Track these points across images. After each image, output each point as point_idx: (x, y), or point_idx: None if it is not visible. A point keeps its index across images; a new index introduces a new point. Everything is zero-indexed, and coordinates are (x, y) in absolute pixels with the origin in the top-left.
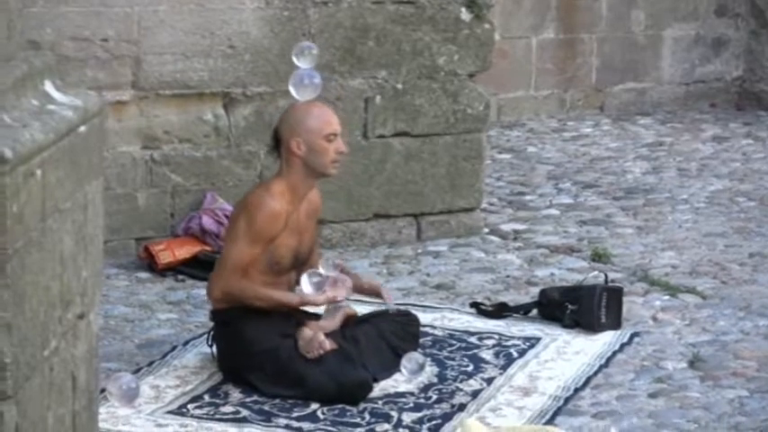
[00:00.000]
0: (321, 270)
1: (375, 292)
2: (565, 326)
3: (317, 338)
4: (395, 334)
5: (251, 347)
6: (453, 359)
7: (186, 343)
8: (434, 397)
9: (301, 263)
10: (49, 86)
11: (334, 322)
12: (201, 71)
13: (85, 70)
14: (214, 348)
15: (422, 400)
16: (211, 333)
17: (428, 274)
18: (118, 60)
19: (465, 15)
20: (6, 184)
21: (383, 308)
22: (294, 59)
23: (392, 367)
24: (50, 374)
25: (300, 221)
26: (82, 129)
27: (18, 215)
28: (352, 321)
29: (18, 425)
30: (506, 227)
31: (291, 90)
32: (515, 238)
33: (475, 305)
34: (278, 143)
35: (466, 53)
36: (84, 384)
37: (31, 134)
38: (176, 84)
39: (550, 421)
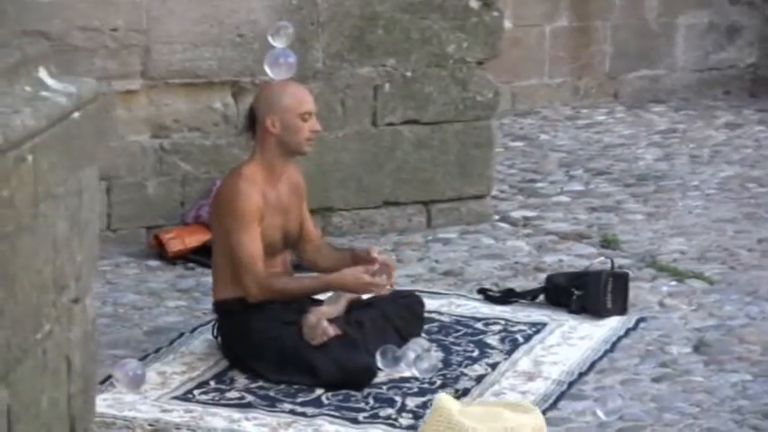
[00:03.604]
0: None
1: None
2: (571, 311)
3: (320, 325)
4: (400, 316)
5: (255, 337)
6: (459, 345)
7: (194, 330)
8: (438, 382)
9: (293, 241)
10: (42, 73)
11: (337, 307)
12: (210, 60)
13: (94, 60)
14: (219, 339)
15: (426, 385)
16: (216, 324)
17: (437, 261)
18: (127, 50)
19: (474, 3)
20: None
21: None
22: (270, 39)
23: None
24: (44, 358)
25: (282, 200)
26: (75, 115)
27: (8, 200)
28: (356, 305)
29: (10, 407)
30: (516, 214)
31: (267, 69)
32: (525, 225)
33: (482, 291)
34: (253, 123)
35: (475, 41)
36: (79, 368)
37: (22, 120)
38: (185, 73)
39: (554, 405)
